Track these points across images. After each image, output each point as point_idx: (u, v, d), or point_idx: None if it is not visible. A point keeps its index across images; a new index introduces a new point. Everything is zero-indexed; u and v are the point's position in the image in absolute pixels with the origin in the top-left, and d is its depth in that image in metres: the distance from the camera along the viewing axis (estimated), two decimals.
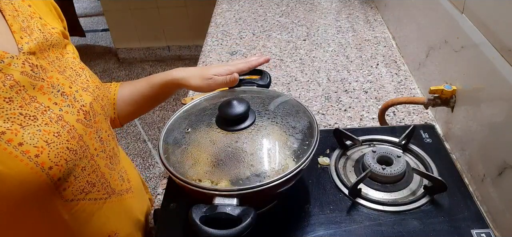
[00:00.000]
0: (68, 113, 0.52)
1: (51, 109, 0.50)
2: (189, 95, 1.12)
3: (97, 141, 0.57)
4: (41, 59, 0.52)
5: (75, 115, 0.53)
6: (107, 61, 3.34)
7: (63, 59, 0.57)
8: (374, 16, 1.49)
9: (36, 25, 0.55)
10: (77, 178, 0.52)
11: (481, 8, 0.70)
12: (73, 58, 0.60)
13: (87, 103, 0.56)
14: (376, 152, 0.72)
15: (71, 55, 0.60)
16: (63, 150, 0.49)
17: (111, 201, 0.59)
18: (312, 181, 0.72)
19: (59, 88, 0.53)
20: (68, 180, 0.50)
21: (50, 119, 0.49)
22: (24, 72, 0.49)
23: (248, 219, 0.49)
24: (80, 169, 0.52)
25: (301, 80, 1.13)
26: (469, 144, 0.76)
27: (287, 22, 1.49)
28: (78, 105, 0.54)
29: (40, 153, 0.46)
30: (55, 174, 0.48)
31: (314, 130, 0.64)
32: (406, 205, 0.65)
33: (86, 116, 0.55)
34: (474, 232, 0.60)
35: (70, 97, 0.54)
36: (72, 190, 0.51)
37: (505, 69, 0.62)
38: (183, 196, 0.68)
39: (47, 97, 0.51)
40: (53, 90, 0.52)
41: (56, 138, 0.49)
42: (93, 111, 0.57)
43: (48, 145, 0.47)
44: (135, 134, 2.53)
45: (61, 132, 0.50)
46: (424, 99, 0.84)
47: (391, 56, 1.21)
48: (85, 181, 0.53)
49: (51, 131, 0.48)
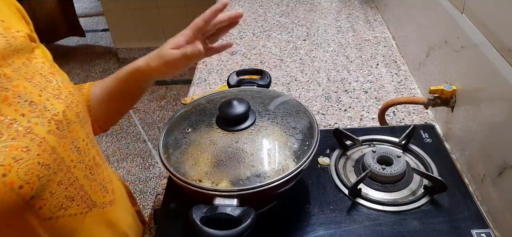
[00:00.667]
0: (38, 125, 0.47)
1: (18, 122, 0.45)
2: (189, 95, 1.12)
3: (74, 152, 0.52)
4: (4, 66, 0.47)
5: (46, 125, 0.47)
6: (107, 61, 3.34)
7: (30, 65, 0.51)
8: (374, 16, 1.49)
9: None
10: (53, 194, 0.48)
11: (481, 8, 0.70)
12: (42, 62, 0.53)
13: (60, 112, 0.50)
14: (376, 152, 0.72)
15: (40, 59, 0.54)
16: (34, 165, 0.44)
17: (92, 215, 0.55)
18: (312, 181, 0.72)
19: (27, 97, 0.48)
20: (44, 197, 0.46)
21: (17, 133, 0.44)
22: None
23: (248, 220, 0.49)
24: (56, 184, 0.48)
25: (301, 80, 1.13)
26: (469, 144, 0.76)
27: (287, 22, 1.49)
28: (49, 115, 0.49)
29: (8, 172, 0.42)
30: (26, 193, 0.44)
31: (314, 130, 0.64)
32: (406, 205, 0.65)
33: (58, 126, 0.49)
34: (474, 232, 0.60)
35: (40, 106, 0.48)
36: (50, 207, 0.47)
37: (505, 69, 0.62)
38: (183, 196, 0.68)
39: (12, 109, 0.46)
40: (19, 100, 0.47)
41: (25, 153, 0.44)
42: (66, 120, 0.51)
43: (16, 162, 0.43)
44: (135, 134, 2.53)
45: (31, 146, 0.45)
46: (424, 99, 0.84)
47: (391, 56, 1.21)
48: (63, 196, 0.49)
49: (19, 146, 0.44)
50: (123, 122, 2.63)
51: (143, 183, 2.19)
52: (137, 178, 2.22)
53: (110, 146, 2.44)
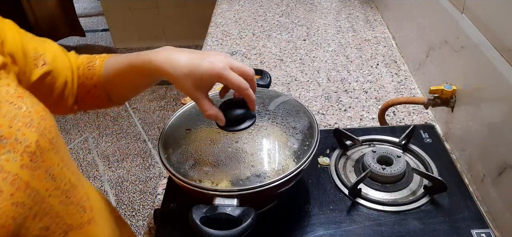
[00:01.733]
0: (9, 161, 0.43)
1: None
2: None
3: (49, 180, 0.48)
4: None
5: (18, 161, 0.44)
6: None
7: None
8: (374, 16, 1.49)
9: None
10: (29, 229, 0.45)
11: (481, 8, 0.70)
12: (7, 85, 0.47)
13: (33, 143, 0.46)
14: (376, 152, 0.72)
15: (5, 81, 0.48)
16: (8, 207, 0.41)
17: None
18: (312, 181, 0.72)
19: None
20: (20, 234, 0.43)
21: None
22: None
23: (248, 220, 0.49)
24: (31, 219, 0.45)
25: (301, 80, 1.13)
26: (469, 144, 0.76)
27: (287, 22, 1.49)
28: (21, 148, 0.44)
29: None
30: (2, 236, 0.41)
31: (314, 130, 0.64)
32: (406, 205, 0.65)
33: (31, 158, 0.45)
34: (474, 232, 0.60)
35: (11, 139, 0.44)
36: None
37: (505, 69, 0.62)
38: (183, 196, 0.68)
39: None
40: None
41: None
42: (40, 150, 0.47)
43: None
44: (135, 134, 2.53)
45: (3, 187, 0.41)
46: (424, 99, 0.84)
47: (391, 56, 1.21)
48: (38, 228, 0.46)
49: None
50: (123, 122, 2.63)
51: (143, 183, 2.19)
52: (137, 178, 2.22)
53: (110, 146, 2.44)
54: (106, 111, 2.73)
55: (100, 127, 2.60)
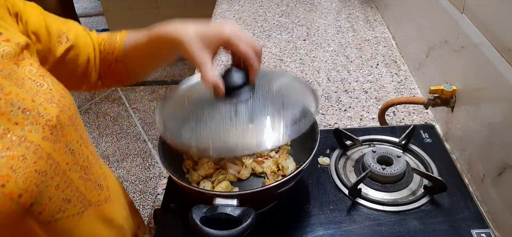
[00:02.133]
0: (32, 132, 0.46)
1: (12, 131, 0.45)
2: None
3: (68, 155, 0.51)
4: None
5: (40, 132, 0.47)
6: None
7: (19, 70, 0.49)
8: (374, 16, 1.49)
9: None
10: (51, 199, 0.48)
11: (481, 8, 0.70)
12: (30, 64, 0.51)
13: (54, 117, 0.49)
14: (376, 152, 0.72)
15: (28, 61, 0.51)
16: (32, 173, 0.44)
17: (88, 214, 0.55)
18: (312, 181, 0.72)
19: (20, 104, 0.47)
20: (43, 203, 0.46)
21: (12, 143, 0.44)
22: None
23: (248, 220, 0.49)
24: (53, 189, 0.48)
25: None
26: (469, 144, 0.76)
27: (287, 22, 1.49)
28: (43, 121, 0.48)
29: (6, 182, 0.42)
30: (26, 201, 0.44)
31: (314, 130, 0.64)
32: (406, 205, 0.65)
33: (52, 131, 0.49)
34: (474, 232, 0.60)
35: (33, 112, 0.47)
36: (49, 211, 0.48)
37: (505, 69, 0.62)
38: (183, 196, 0.68)
39: (5, 118, 0.45)
40: (12, 109, 0.46)
41: (22, 162, 0.44)
42: (60, 124, 0.50)
43: (14, 172, 0.43)
44: (135, 134, 2.53)
45: (27, 155, 0.44)
46: (424, 99, 0.84)
47: (391, 56, 1.21)
48: (61, 199, 0.49)
49: (15, 156, 0.44)
50: (123, 122, 2.63)
51: (143, 183, 2.19)
52: (137, 178, 2.22)
53: (110, 146, 2.44)
54: (106, 111, 2.73)
55: (100, 127, 2.60)
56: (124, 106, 2.78)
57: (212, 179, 0.68)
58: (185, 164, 0.71)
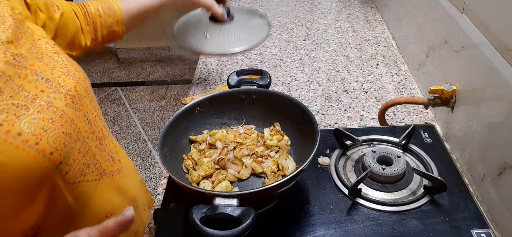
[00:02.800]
0: (56, 99, 0.52)
1: (40, 97, 0.50)
2: (189, 95, 1.12)
3: (86, 124, 0.57)
4: (19, 47, 0.51)
5: (63, 100, 0.53)
6: (107, 61, 3.34)
7: (37, 46, 0.55)
8: (374, 16, 1.49)
9: (6, 11, 0.53)
10: (75, 161, 0.53)
11: (481, 8, 0.70)
12: (46, 43, 0.58)
13: (72, 87, 0.55)
14: (376, 152, 0.72)
15: (43, 41, 0.58)
16: (60, 135, 0.50)
17: (104, 182, 0.60)
18: (312, 181, 0.72)
19: (43, 75, 0.52)
20: (69, 163, 0.52)
21: (41, 107, 0.50)
22: (7, 62, 0.48)
23: (248, 220, 0.49)
24: (76, 152, 0.53)
25: (301, 80, 1.13)
26: (469, 144, 0.76)
27: (287, 22, 1.49)
28: (64, 90, 0.54)
29: (39, 141, 0.47)
30: (56, 158, 0.49)
31: (314, 130, 0.64)
32: (406, 205, 0.65)
33: (73, 100, 0.55)
34: (474, 232, 0.60)
35: (54, 83, 0.53)
36: (73, 172, 0.53)
37: (505, 69, 0.62)
38: (183, 196, 0.68)
39: (33, 85, 0.50)
40: (37, 78, 0.51)
41: (51, 124, 0.49)
42: (78, 95, 0.56)
43: (45, 132, 0.48)
44: (135, 134, 2.53)
45: (54, 118, 0.50)
46: (424, 99, 0.84)
47: (391, 56, 1.21)
48: (82, 163, 0.55)
49: (45, 118, 0.49)
50: (123, 122, 2.63)
51: None
52: None
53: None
54: (106, 111, 2.73)
55: None
56: (124, 106, 2.78)
57: (212, 179, 0.68)
58: (185, 164, 0.71)
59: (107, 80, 3.08)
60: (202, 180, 0.68)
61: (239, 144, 0.73)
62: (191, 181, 0.68)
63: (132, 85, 3.01)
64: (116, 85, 3.00)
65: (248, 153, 0.71)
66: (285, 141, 0.74)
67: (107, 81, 3.06)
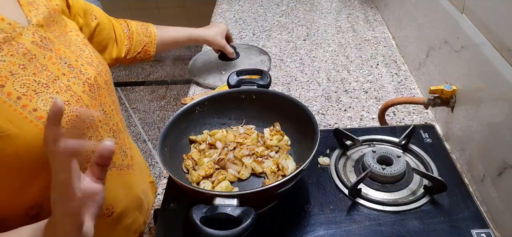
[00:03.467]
0: (75, 84, 0.55)
1: (60, 79, 0.54)
2: (189, 95, 1.12)
3: (101, 114, 0.60)
4: (48, 32, 0.56)
5: (81, 86, 0.56)
6: None
7: (67, 36, 0.60)
8: (374, 16, 1.49)
9: (42, 1, 0.58)
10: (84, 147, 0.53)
11: (481, 8, 0.70)
12: (76, 35, 0.62)
13: (92, 77, 0.59)
14: (376, 152, 0.72)
15: (75, 32, 0.63)
16: (73, 118, 0.52)
17: (110, 174, 0.61)
18: (312, 181, 0.71)
19: (66, 60, 0.56)
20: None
21: (60, 88, 0.53)
22: (34, 42, 0.52)
23: (248, 220, 0.49)
24: (87, 138, 0.56)
25: (301, 80, 1.13)
26: (469, 144, 0.76)
27: (287, 22, 1.49)
28: (84, 78, 0.57)
29: None
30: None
31: (314, 130, 0.64)
32: (406, 205, 0.65)
33: (90, 88, 0.58)
34: (474, 232, 0.60)
35: (76, 69, 0.57)
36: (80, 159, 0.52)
37: (505, 69, 0.62)
38: (183, 196, 0.68)
39: (56, 67, 0.54)
40: (61, 61, 0.55)
41: (67, 106, 0.52)
42: (97, 85, 0.60)
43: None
44: (135, 134, 2.53)
45: (71, 101, 0.53)
46: (424, 99, 0.84)
47: (391, 56, 1.21)
48: (91, 151, 0.56)
49: (62, 99, 0.51)
50: None
51: None
52: None
53: None
54: None
55: None
56: (124, 106, 2.78)
57: (212, 179, 0.68)
58: (185, 164, 0.71)
59: None
60: (202, 180, 0.68)
61: (239, 144, 0.73)
62: (191, 181, 0.68)
63: (132, 85, 3.01)
64: (116, 85, 3.00)
65: (248, 153, 0.71)
66: (285, 141, 0.74)
67: None
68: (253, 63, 1.19)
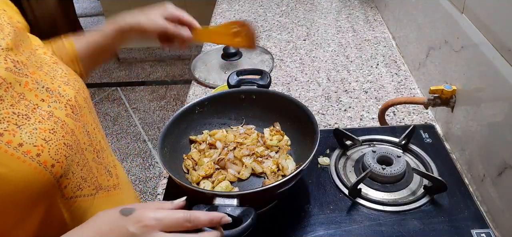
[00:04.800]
0: (57, 109, 0.50)
1: (40, 106, 0.49)
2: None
3: (85, 135, 0.55)
4: (19, 55, 0.50)
5: (63, 110, 0.51)
6: None
7: (36, 55, 0.54)
8: (374, 16, 1.49)
9: (4, 19, 0.52)
10: (74, 174, 0.51)
11: (481, 8, 0.70)
12: (44, 53, 0.56)
13: (72, 97, 0.54)
14: (376, 152, 0.72)
15: (41, 50, 0.57)
16: (61, 146, 0.48)
17: (99, 197, 0.58)
18: (312, 181, 0.72)
19: (43, 83, 0.51)
20: (68, 177, 0.49)
21: (42, 117, 0.48)
22: (8, 68, 0.47)
23: (248, 220, 0.49)
24: (75, 165, 0.51)
25: (301, 80, 1.13)
26: (469, 144, 0.76)
27: (287, 22, 1.49)
28: (64, 100, 0.52)
29: (41, 152, 0.45)
30: (57, 171, 0.47)
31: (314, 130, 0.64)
32: (406, 205, 0.65)
33: (73, 110, 0.53)
34: (474, 232, 0.60)
35: (55, 92, 0.52)
36: (71, 187, 0.51)
37: (505, 69, 0.62)
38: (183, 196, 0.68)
39: (33, 94, 0.49)
40: (38, 86, 0.50)
41: (53, 134, 0.47)
42: (78, 105, 0.55)
43: (46, 143, 0.46)
44: (135, 134, 2.53)
45: (56, 129, 0.48)
46: (424, 99, 0.84)
47: (391, 56, 1.21)
48: (80, 177, 0.52)
49: (46, 129, 0.47)
50: (123, 122, 2.63)
51: (143, 183, 2.19)
52: (137, 178, 2.22)
53: (110, 146, 2.43)
54: (106, 111, 2.73)
55: None
56: (124, 106, 2.78)
57: (212, 179, 0.68)
58: (185, 164, 0.71)
59: (107, 80, 3.08)
60: (202, 180, 0.68)
61: (239, 144, 0.73)
62: (191, 181, 0.68)
63: (132, 85, 3.01)
64: (116, 85, 3.00)
65: (248, 153, 0.71)
66: (285, 141, 0.74)
67: (107, 81, 3.06)
68: (255, 63, 1.19)
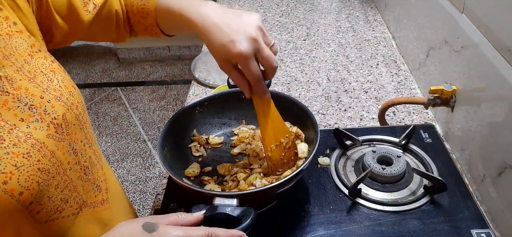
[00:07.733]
0: (37, 129, 0.46)
1: (18, 127, 0.45)
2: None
3: (71, 154, 0.51)
4: (7, 67, 0.46)
5: (45, 130, 0.47)
6: (107, 61, 3.34)
7: (32, 62, 0.50)
8: (374, 16, 1.49)
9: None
10: (51, 198, 0.47)
11: (481, 8, 0.70)
12: (44, 58, 0.52)
13: (60, 115, 0.50)
14: (376, 152, 0.72)
15: (42, 54, 0.52)
16: (34, 172, 0.44)
17: (83, 215, 0.54)
18: (312, 181, 0.72)
19: (27, 100, 0.47)
20: (42, 202, 0.46)
21: (18, 139, 0.44)
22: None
23: (248, 220, 0.49)
24: (53, 188, 0.47)
25: (301, 80, 1.13)
26: (469, 144, 0.76)
27: (287, 22, 1.49)
28: (49, 119, 0.48)
29: (9, 180, 0.42)
30: (26, 199, 0.44)
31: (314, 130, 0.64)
32: (406, 205, 0.65)
33: (57, 129, 0.49)
34: (474, 232, 0.60)
35: (40, 109, 0.48)
36: (46, 211, 0.47)
37: (505, 69, 0.62)
38: (183, 196, 0.68)
39: (12, 113, 0.45)
40: (19, 104, 0.46)
41: (26, 159, 0.44)
42: (66, 123, 0.50)
43: (17, 169, 0.43)
44: (135, 134, 2.53)
45: (31, 152, 0.45)
46: (424, 99, 0.84)
47: (391, 56, 1.21)
48: (59, 199, 0.49)
49: (20, 153, 0.44)
50: (123, 122, 2.63)
51: (143, 183, 2.19)
52: (137, 178, 2.22)
53: (110, 146, 2.44)
54: (106, 111, 2.73)
55: (100, 127, 2.60)
56: (124, 106, 2.78)
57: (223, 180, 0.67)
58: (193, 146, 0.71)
59: (107, 80, 3.08)
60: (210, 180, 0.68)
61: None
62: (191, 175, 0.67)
63: (132, 85, 3.01)
64: (116, 85, 3.00)
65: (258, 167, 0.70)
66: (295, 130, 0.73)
67: (107, 81, 3.06)
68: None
